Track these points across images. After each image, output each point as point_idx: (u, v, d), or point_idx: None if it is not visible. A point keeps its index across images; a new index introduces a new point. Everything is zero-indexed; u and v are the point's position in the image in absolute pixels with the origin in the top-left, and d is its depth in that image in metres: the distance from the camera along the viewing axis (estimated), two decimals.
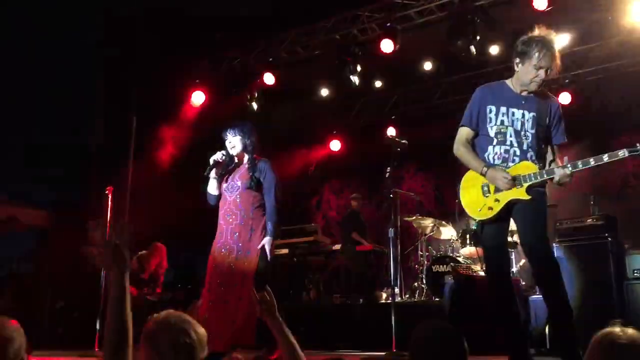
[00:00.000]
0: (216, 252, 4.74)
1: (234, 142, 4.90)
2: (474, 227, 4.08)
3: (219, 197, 4.93)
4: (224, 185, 4.88)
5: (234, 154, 4.92)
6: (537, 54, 3.83)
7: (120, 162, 9.77)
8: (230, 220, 4.76)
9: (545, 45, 3.84)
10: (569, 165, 3.76)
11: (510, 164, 3.93)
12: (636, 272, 5.76)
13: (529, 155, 3.93)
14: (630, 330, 1.77)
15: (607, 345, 1.75)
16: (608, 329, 1.80)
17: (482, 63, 9.28)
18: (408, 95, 11.17)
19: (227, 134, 4.96)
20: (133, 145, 9.97)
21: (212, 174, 4.90)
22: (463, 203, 4.10)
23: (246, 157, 4.91)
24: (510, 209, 3.91)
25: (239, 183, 4.81)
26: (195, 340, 1.91)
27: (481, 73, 9.75)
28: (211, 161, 4.88)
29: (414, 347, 2.20)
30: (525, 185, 3.83)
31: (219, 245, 4.75)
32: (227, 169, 4.91)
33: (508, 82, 4.12)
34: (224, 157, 4.90)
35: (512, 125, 3.96)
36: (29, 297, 8.97)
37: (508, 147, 3.96)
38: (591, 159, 3.74)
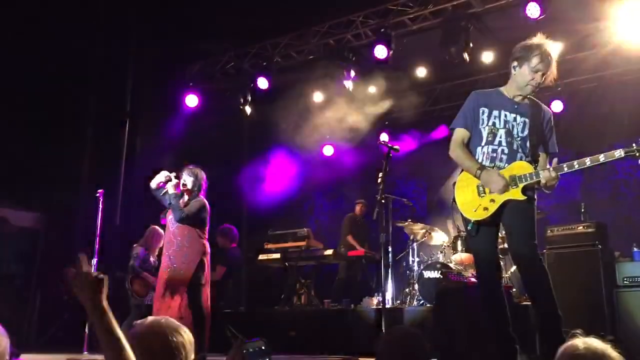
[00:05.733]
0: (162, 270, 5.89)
1: (186, 180, 5.93)
2: (470, 228, 4.05)
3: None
4: (169, 217, 5.94)
5: (182, 189, 5.90)
6: (535, 58, 3.90)
7: (112, 164, 9.79)
8: (169, 246, 5.83)
9: (544, 50, 3.91)
10: (564, 166, 3.77)
11: (499, 162, 3.95)
12: (626, 280, 5.79)
13: (518, 156, 3.96)
14: (592, 341, 1.80)
15: (569, 357, 1.77)
16: (570, 342, 1.82)
17: (475, 70, 9.33)
18: (401, 100, 11.19)
19: (184, 172, 5.98)
20: (125, 148, 9.99)
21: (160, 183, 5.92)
22: (458, 202, 4.10)
23: (186, 198, 5.93)
24: (501, 212, 3.92)
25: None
26: (187, 340, 1.94)
27: (474, 80, 9.80)
28: (163, 177, 5.88)
29: (377, 352, 2.26)
30: (521, 185, 3.84)
31: (162, 265, 5.88)
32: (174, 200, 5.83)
33: (502, 89, 4.18)
34: (167, 177, 5.88)
35: (504, 127, 4.00)
36: (19, 298, 8.92)
37: (496, 147, 3.99)
38: (587, 159, 3.75)
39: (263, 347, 2.41)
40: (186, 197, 5.95)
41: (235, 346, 2.09)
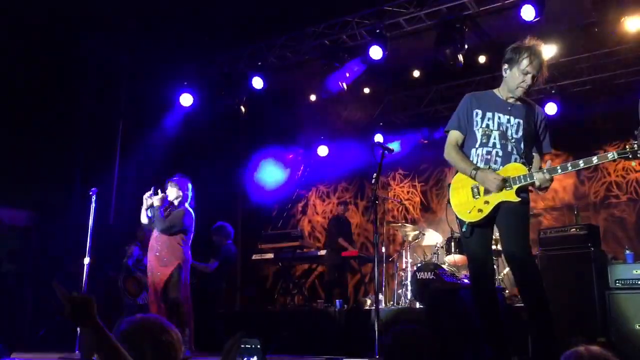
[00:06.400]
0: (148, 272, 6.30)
1: (170, 191, 6.32)
2: (464, 229, 4.05)
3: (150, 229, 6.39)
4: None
5: (169, 199, 6.33)
6: (525, 60, 3.92)
7: (106, 163, 9.76)
8: (151, 250, 6.22)
9: (533, 52, 3.92)
10: (558, 168, 3.78)
11: (493, 165, 3.96)
12: (618, 282, 5.80)
13: (512, 157, 3.97)
14: (594, 348, 1.81)
15: None
16: (573, 348, 1.83)
17: (469, 72, 9.34)
18: (396, 102, 11.21)
19: (168, 183, 6.38)
20: (119, 147, 9.97)
21: (146, 210, 6.32)
22: (452, 204, 4.10)
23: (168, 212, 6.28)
24: (495, 213, 3.93)
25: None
26: (175, 339, 1.94)
27: (468, 82, 9.82)
28: (150, 201, 6.25)
29: (386, 351, 2.24)
30: (515, 187, 3.85)
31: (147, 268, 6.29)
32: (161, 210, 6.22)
33: (495, 90, 4.20)
34: (151, 196, 6.23)
35: (497, 129, 4.01)
36: (11, 297, 8.88)
37: (490, 149, 4.00)
38: (580, 161, 3.75)
39: (258, 345, 2.41)
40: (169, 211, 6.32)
41: (231, 341, 2.08)
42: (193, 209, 6.44)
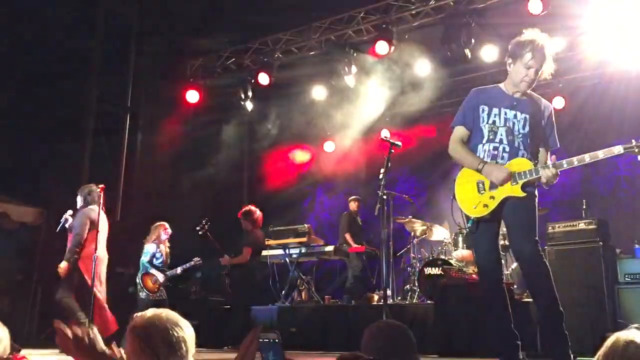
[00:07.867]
0: None
1: (78, 200, 6.82)
2: (470, 225, 4.03)
3: None
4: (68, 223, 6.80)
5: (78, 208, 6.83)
6: (527, 54, 3.87)
7: (113, 160, 9.79)
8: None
9: (536, 45, 3.87)
10: (564, 162, 3.75)
11: (500, 160, 3.93)
12: (627, 277, 5.78)
13: (520, 153, 3.94)
14: None
15: (626, 345, 1.75)
16: (625, 332, 1.80)
17: (477, 66, 9.30)
18: (403, 96, 11.16)
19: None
20: (126, 144, 9.99)
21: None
22: (458, 199, 4.08)
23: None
24: (501, 208, 3.91)
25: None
26: (187, 335, 1.92)
27: (476, 76, 9.77)
28: (63, 219, 6.80)
29: (363, 344, 2.27)
30: (521, 182, 3.82)
31: None
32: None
33: (501, 85, 4.15)
34: (68, 215, 6.78)
35: (504, 125, 3.98)
36: (20, 293, 8.92)
37: (497, 144, 3.97)
38: (586, 156, 3.73)
39: (276, 340, 2.40)
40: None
41: (250, 335, 2.06)
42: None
